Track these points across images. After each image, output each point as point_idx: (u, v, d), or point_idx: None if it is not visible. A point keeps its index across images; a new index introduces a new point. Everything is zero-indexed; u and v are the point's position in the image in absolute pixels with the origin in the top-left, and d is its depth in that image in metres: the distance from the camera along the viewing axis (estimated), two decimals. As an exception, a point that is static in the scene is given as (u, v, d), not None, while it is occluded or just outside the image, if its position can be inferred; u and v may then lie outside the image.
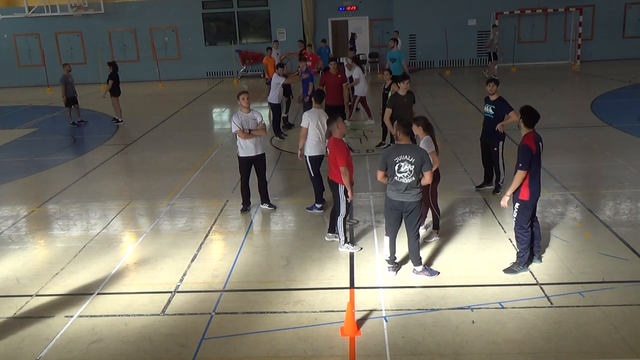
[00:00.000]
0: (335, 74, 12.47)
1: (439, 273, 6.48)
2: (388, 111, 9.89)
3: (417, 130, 6.97)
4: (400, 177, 6.14)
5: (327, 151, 7.39)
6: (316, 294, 6.24)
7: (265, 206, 8.89)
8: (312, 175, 8.53)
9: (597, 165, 10.48)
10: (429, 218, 7.72)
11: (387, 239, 6.51)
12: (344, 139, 7.22)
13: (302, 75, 13.91)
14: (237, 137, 8.48)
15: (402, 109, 9.66)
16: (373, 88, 20.20)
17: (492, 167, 9.04)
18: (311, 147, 8.36)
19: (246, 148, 8.51)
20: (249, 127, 8.42)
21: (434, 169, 7.61)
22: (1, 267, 7.34)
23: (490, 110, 8.73)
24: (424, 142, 6.97)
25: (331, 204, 7.59)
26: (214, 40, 26.75)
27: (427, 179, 6.22)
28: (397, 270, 6.59)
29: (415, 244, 6.39)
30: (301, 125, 8.46)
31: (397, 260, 6.65)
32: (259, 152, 8.62)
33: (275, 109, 13.73)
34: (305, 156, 8.42)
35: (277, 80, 13.39)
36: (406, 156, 6.11)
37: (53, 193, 10.28)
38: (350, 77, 14.43)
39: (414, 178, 6.13)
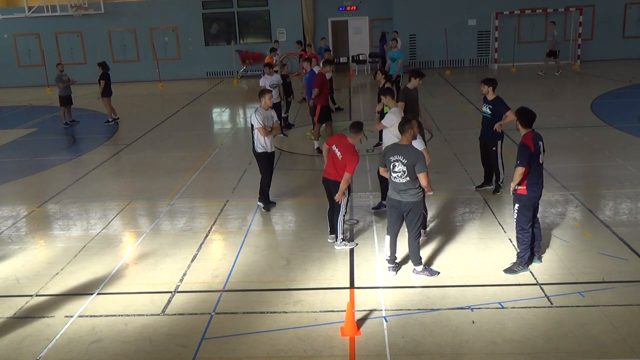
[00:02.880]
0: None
1: (439, 273, 6.48)
2: (401, 105, 9.87)
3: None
4: (395, 176, 6.18)
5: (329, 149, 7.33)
6: (316, 294, 6.24)
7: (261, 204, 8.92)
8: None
9: (597, 165, 10.48)
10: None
11: (387, 238, 6.51)
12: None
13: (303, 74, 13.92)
14: (257, 134, 8.51)
15: (412, 103, 9.66)
16: (373, 88, 20.20)
17: (490, 166, 9.06)
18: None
19: (264, 145, 8.59)
20: (269, 125, 8.54)
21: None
22: (1, 267, 7.34)
23: (488, 110, 8.76)
24: (415, 143, 7.01)
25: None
26: (214, 40, 26.76)
27: (421, 180, 6.14)
28: (397, 270, 6.59)
29: (415, 243, 6.39)
30: (385, 123, 8.17)
31: (397, 261, 6.65)
32: (273, 149, 8.80)
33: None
34: None
35: (263, 82, 13.26)
36: (400, 157, 6.13)
37: (53, 193, 10.28)
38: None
39: (408, 178, 6.12)
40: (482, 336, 5.29)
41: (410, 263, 6.60)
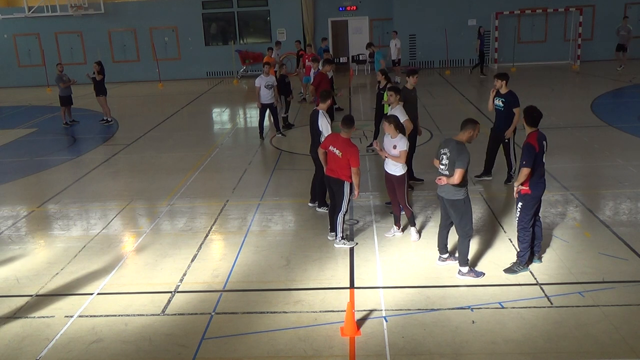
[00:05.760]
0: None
1: (484, 274, 6.40)
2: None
3: (388, 128, 7.14)
4: (442, 169, 6.29)
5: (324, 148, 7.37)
6: (316, 294, 6.24)
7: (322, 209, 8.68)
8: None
9: (597, 165, 10.48)
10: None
11: (438, 230, 6.68)
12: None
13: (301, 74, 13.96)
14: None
15: (411, 103, 9.68)
16: (373, 88, 20.21)
17: (494, 158, 9.58)
18: None
19: None
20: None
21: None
22: (1, 267, 7.34)
23: (501, 103, 9.21)
24: (398, 141, 7.15)
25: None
26: (214, 40, 26.77)
27: (455, 175, 6.05)
28: (445, 261, 6.66)
29: (465, 243, 6.31)
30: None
31: (448, 249, 6.70)
32: None
33: (264, 109, 13.63)
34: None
35: (258, 82, 13.29)
36: (447, 150, 6.20)
37: (53, 193, 10.28)
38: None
39: (448, 173, 6.16)
40: (482, 336, 5.29)
41: (410, 260, 6.61)
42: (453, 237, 6.72)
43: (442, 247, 6.67)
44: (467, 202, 6.30)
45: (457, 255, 6.50)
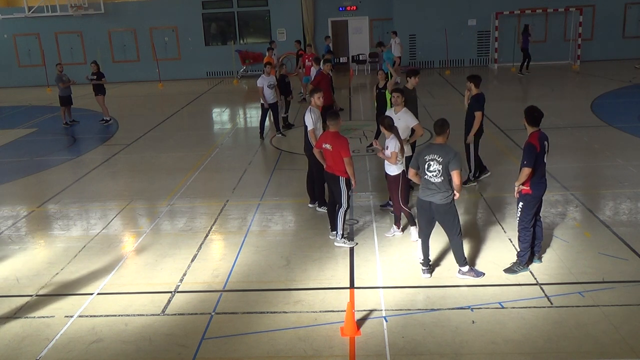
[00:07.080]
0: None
1: (484, 274, 6.38)
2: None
3: (382, 128, 7.27)
4: (430, 176, 6.11)
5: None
6: (316, 294, 6.24)
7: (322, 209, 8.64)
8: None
9: (597, 165, 10.48)
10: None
11: (419, 242, 6.44)
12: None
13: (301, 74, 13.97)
14: (309, 135, 8.25)
15: (411, 103, 9.70)
16: (373, 88, 20.23)
17: (480, 158, 9.60)
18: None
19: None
20: (320, 126, 8.39)
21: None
22: (1, 267, 7.34)
23: (467, 105, 9.38)
24: (389, 141, 7.17)
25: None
26: (214, 40, 26.77)
27: (454, 178, 6.00)
28: (432, 273, 6.49)
29: (458, 243, 6.28)
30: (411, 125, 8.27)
31: (431, 263, 6.55)
32: None
33: (267, 109, 13.65)
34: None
35: (261, 83, 13.31)
36: (435, 155, 6.04)
37: (53, 193, 10.28)
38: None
39: (442, 179, 6.04)
40: (482, 336, 5.29)
41: (407, 262, 6.60)
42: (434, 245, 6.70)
43: (427, 258, 6.47)
44: (454, 202, 6.26)
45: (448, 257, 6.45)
